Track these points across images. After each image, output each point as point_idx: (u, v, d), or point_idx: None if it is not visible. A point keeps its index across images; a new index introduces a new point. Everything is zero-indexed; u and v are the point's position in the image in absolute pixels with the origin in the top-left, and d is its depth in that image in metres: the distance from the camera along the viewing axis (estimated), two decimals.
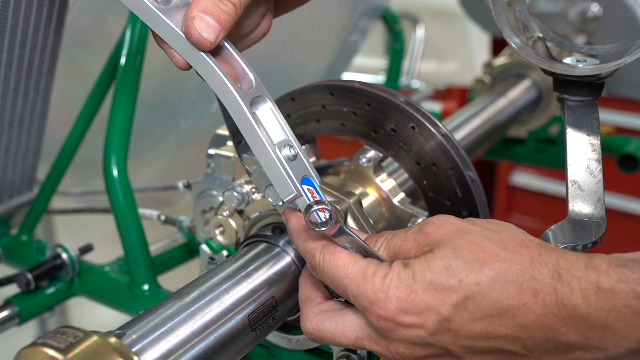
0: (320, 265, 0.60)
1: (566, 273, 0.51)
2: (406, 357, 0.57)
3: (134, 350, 0.55)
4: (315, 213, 0.58)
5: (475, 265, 0.53)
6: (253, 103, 0.61)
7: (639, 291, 0.49)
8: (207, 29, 0.58)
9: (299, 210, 0.61)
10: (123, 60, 1.01)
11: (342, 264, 0.58)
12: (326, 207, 0.58)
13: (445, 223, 0.57)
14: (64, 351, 0.51)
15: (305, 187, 0.61)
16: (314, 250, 0.61)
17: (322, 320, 0.61)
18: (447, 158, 0.75)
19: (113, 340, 0.54)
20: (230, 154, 0.83)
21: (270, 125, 0.62)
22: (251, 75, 0.63)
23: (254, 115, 0.61)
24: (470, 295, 0.53)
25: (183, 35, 0.59)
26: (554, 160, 1.53)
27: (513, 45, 0.72)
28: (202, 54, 0.60)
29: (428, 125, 0.75)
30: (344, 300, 0.62)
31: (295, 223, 0.63)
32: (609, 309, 0.49)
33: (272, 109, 0.62)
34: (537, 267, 0.52)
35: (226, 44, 0.63)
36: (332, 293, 0.65)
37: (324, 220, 0.58)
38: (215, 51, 0.62)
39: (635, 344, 0.49)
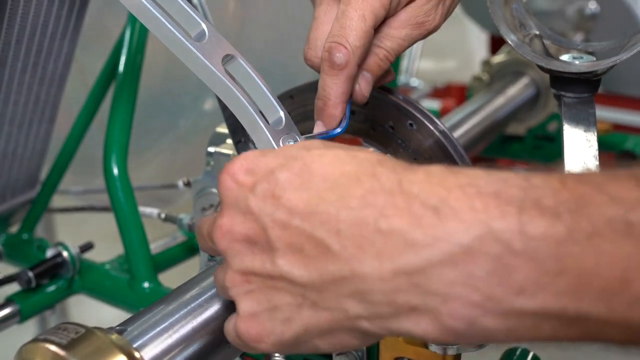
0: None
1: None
2: (225, 234, 0.51)
3: (134, 345, 0.55)
4: None
5: (329, 147, 0.52)
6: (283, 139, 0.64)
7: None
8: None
9: None
10: (123, 59, 1.01)
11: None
12: None
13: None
14: (65, 347, 0.51)
15: None
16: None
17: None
18: (445, 155, 0.75)
19: (114, 336, 0.54)
20: (230, 152, 0.83)
21: None
22: (281, 112, 0.65)
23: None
24: (308, 163, 0.50)
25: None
26: (552, 157, 1.53)
27: (509, 42, 0.73)
28: (233, 89, 0.62)
29: (426, 122, 0.76)
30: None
31: None
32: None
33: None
34: (378, 170, 0.49)
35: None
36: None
37: None
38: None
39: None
